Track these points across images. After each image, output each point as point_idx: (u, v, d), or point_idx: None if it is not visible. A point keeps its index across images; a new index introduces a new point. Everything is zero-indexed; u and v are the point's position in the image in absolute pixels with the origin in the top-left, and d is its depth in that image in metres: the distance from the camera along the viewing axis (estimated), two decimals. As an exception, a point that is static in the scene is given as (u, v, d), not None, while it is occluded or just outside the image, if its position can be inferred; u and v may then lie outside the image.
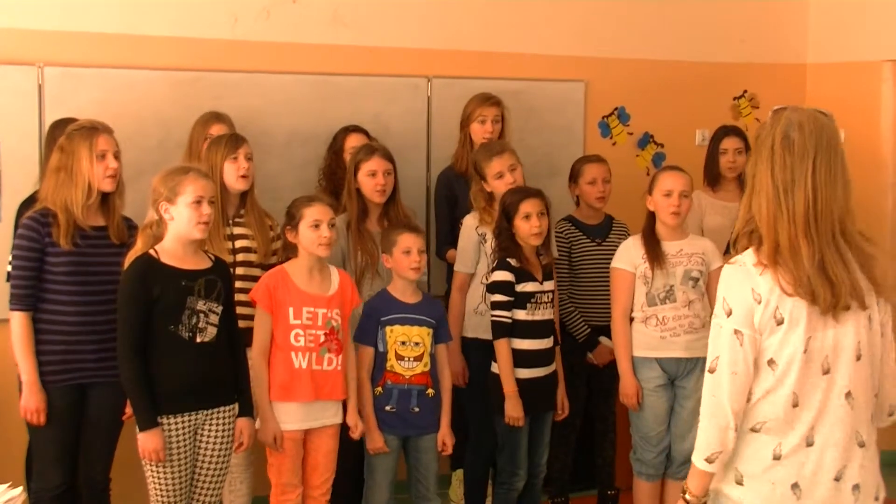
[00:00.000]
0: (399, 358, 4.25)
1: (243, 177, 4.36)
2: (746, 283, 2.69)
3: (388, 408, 4.25)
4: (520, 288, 4.37)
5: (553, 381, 4.50)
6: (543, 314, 4.42)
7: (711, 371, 2.72)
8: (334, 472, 4.18)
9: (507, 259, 4.39)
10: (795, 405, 2.68)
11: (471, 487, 4.80)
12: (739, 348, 2.68)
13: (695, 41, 6.12)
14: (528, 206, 4.36)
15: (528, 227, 4.35)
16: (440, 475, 4.47)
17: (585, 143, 5.85)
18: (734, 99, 6.28)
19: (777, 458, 2.70)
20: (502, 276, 4.38)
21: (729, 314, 2.70)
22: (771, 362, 2.69)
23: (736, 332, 2.68)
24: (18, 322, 3.93)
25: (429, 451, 4.33)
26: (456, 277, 4.73)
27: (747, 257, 2.73)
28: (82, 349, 3.95)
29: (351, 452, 4.32)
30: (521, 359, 4.38)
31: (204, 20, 5.05)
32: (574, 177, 5.10)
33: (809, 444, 2.69)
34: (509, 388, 4.34)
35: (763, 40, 6.31)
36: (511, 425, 4.36)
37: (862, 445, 2.73)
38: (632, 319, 4.46)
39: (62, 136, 4.04)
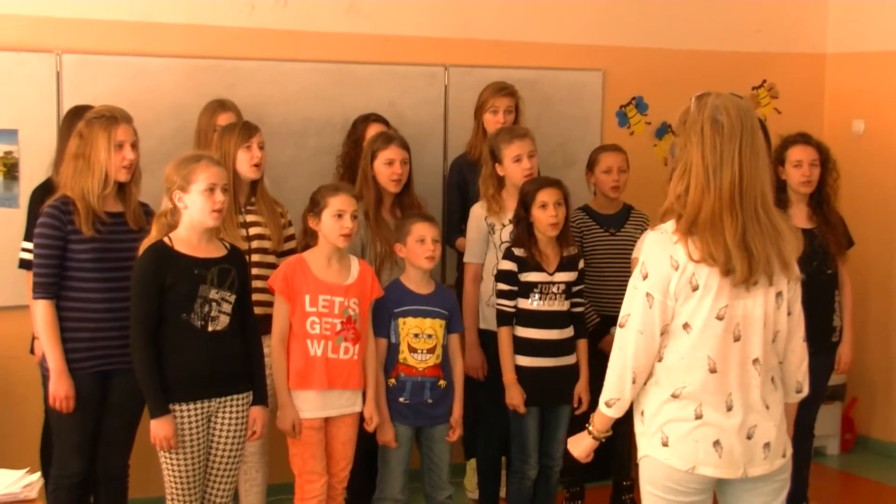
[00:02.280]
0: (412, 350, 4.25)
1: (256, 165, 4.35)
2: (665, 250, 2.89)
3: (401, 399, 4.25)
4: (523, 277, 4.36)
5: (569, 373, 4.47)
6: (553, 305, 4.41)
7: (621, 326, 2.95)
8: (352, 462, 4.19)
9: (512, 248, 4.39)
10: (713, 371, 2.89)
11: (483, 476, 4.80)
12: (649, 310, 2.89)
13: (713, 30, 6.09)
14: (546, 196, 4.35)
15: (544, 216, 4.34)
16: (455, 464, 4.47)
17: (602, 133, 5.84)
18: (753, 89, 6.25)
19: (699, 417, 2.90)
20: (504, 265, 4.40)
21: (645, 277, 2.91)
22: (686, 326, 2.89)
23: (647, 294, 2.89)
24: (43, 310, 3.93)
25: (441, 440, 4.34)
26: (468, 269, 4.72)
27: (669, 226, 2.93)
28: (107, 335, 3.95)
29: (366, 442, 4.32)
30: (523, 347, 4.38)
31: (221, 8, 5.06)
32: (591, 165, 5.09)
33: (729, 408, 2.91)
34: (508, 376, 4.37)
35: (782, 29, 6.28)
36: (518, 413, 4.37)
37: (768, 408, 2.95)
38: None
39: (81, 122, 4.04)
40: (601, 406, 3.05)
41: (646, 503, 3.04)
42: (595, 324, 4.89)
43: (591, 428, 3.12)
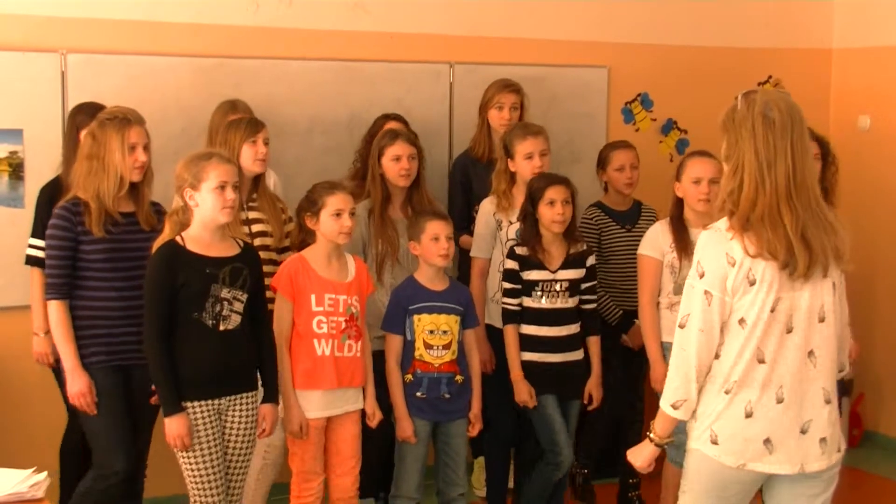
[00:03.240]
0: (427, 347, 4.24)
1: (260, 160, 4.36)
2: (721, 247, 2.89)
3: (418, 394, 4.24)
4: (525, 276, 4.37)
5: (578, 369, 4.47)
6: (555, 302, 4.40)
7: (682, 326, 2.97)
8: (360, 459, 4.17)
9: (515, 247, 4.41)
10: (761, 361, 2.89)
11: (491, 473, 4.80)
12: (708, 308, 2.90)
13: (719, 26, 6.07)
14: (554, 193, 4.35)
15: (551, 213, 4.34)
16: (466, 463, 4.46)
17: (608, 130, 5.83)
18: (759, 84, 6.21)
19: (749, 415, 2.91)
20: (507, 263, 4.43)
21: (701, 276, 2.92)
22: (742, 321, 2.90)
23: (706, 292, 2.90)
24: (56, 310, 3.93)
25: (458, 436, 4.33)
26: (474, 264, 4.71)
27: (722, 224, 2.94)
28: (124, 331, 3.94)
29: (378, 439, 4.31)
30: (529, 343, 4.40)
31: (226, 6, 5.05)
32: (602, 163, 5.08)
33: (780, 401, 2.90)
34: (515, 374, 4.38)
35: (788, 25, 6.26)
36: (531, 407, 4.37)
37: (828, 402, 2.96)
38: (657, 305, 4.43)
39: (92, 121, 4.04)
40: (666, 409, 3.00)
41: (689, 496, 3.04)
42: (618, 317, 4.88)
43: (651, 434, 3.07)
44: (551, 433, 4.42)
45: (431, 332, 4.24)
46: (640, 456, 3.11)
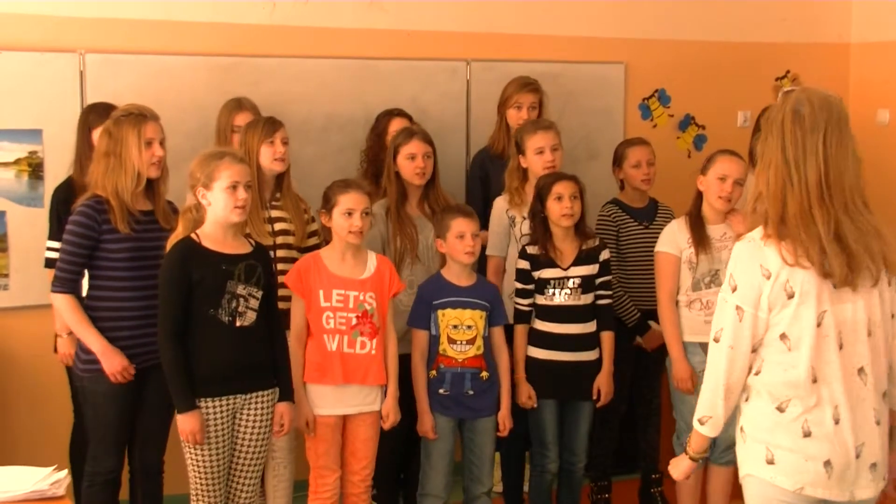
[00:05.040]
0: (451, 342, 4.23)
1: (279, 160, 4.37)
2: (755, 259, 2.76)
3: (441, 391, 4.24)
4: (537, 274, 4.37)
5: (589, 369, 4.45)
6: (568, 299, 4.39)
7: (715, 341, 2.85)
8: (374, 460, 4.17)
9: (526, 246, 4.41)
10: (815, 381, 2.74)
11: (506, 470, 4.81)
12: (739, 324, 2.78)
13: (736, 21, 6.05)
14: (561, 188, 4.35)
15: (559, 208, 4.34)
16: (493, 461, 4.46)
17: (625, 126, 5.81)
18: (777, 79, 6.20)
19: (807, 435, 2.75)
20: (519, 263, 4.43)
21: (734, 290, 2.79)
22: (783, 336, 2.76)
23: (738, 308, 2.78)
24: (67, 302, 3.93)
25: (484, 433, 4.31)
26: (490, 262, 4.71)
27: (756, 233, 2.79)
28: (142, 332, 3.94)
29: (394, 440, 4.31)
30: (543, 340, 4.39)
31: (242, 5, 5.06)
32: (618, 160, 5.06)
33: (836, 421, 2.74)
34: (518, 374, 4.38)
35: (806, 19, 6.23)
36: (530, 407, 4.38)
37: (878, 423, 2.80)
38: (676, 303, 4.42)
39: (103, 121, 4.06)
40: (695, 424, 2.93)
41: None
42: (636, 320, 4.86)
43: (687, 448, 3.01)
44: (541, 436, 4.44)
45: (455, 326, 4.24)
46: (677, 469, 3.06)
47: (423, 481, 4.31)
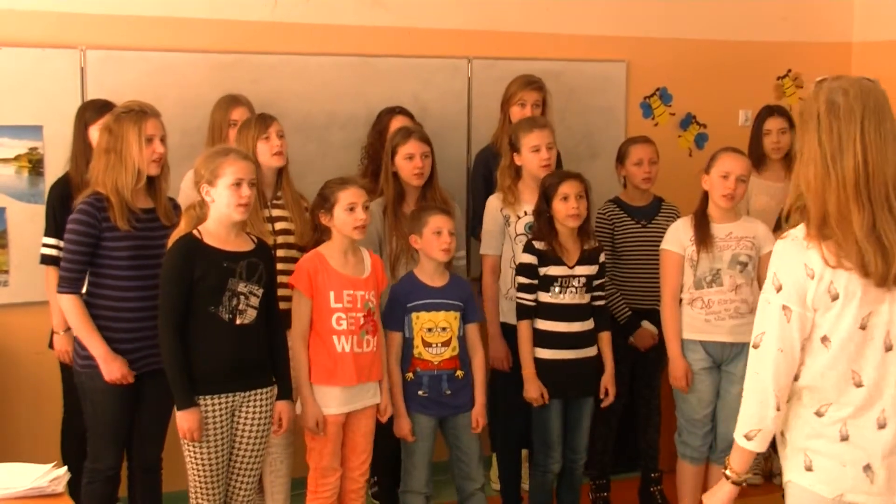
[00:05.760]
0: (426, 345, 4.22)
1: (277, 154, 4.36)
2: (799, 258, 2.61)
3: (420, 392, 4.23)
4: (543, 271, 4.36)
5: (592, 366, 4.46)
6: (573, 298, 4.38)
7: (756, 347, 2.67)
8: (371, 453, 4.18)
9: (533, 242, 4.39)
10: (859, 385, 2.62)
11: (504, 468, 4.81)
12: (787, 325, 2.61)
13: (738, 20, 6.04)
14: (567, 188, 4.34)
15: (565, 208, 4.33)
16: (482, 457, 4.45)
17: (627, 124, 5.81)
18: (778, 78, 6.20)
19: (844, 439, 2.64)
20: (525, 258, 4.40)
21: (778, 290, 2.63)
22: (824, 339, 2.62)
23: (784, 307, 2.62)
24: (72, 303, 3.92)
25: (466, 429, 4.30)
26: (485, 261, 4.70)
27: (799, 231, 2.65)
28: (143, 333, 3.93)
29: (391, 433, 4.31)
30: (544, 339, 4.38)
31: (243, 2, 5.05)
32: (621, 158, 5.06)
33: (882, 426, 2.63)
34: (527, 370, 4.36)
35: (807, 18, 6.23)
36: (537, 406, 4.37)
37: None
38: (680, 301, 4.42)
39: (100, 118, 4.06)
40: (739, 440, 2.71)
41: None
42: (626, 317, 4.87)
43: (728, 472, 2.76)
44: (545, 436, 4.43)
45: (430, 329, 4.22)
46: (716, 498, 2.79)
47: (405, 478, 4.29)
